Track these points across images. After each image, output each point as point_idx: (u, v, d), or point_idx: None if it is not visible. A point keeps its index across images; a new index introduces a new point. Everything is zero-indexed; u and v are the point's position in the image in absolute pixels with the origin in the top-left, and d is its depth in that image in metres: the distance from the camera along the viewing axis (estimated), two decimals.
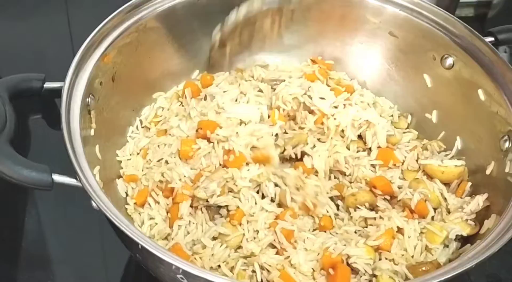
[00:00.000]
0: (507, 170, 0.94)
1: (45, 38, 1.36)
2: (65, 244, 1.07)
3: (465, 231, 0.94)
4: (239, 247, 0.93)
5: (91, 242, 1.06)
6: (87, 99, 0.95)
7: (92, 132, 0.97)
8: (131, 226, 0.81)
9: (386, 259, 0.91)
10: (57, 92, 0.92)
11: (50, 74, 0.93)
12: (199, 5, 1.11)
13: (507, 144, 0.96)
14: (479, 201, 0.95)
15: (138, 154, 1.05)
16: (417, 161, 1.05)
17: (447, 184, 1.02)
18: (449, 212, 0.98)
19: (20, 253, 1.04)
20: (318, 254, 0.91)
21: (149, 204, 0.98)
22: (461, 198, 1.00)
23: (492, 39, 1.06)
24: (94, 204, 0.83)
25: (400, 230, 0.93)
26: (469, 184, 1.00)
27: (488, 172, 0.98)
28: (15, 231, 1.07)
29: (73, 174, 0.83)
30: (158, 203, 0.97)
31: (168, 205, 0.97)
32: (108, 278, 1.06)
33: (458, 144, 1.07)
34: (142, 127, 1.10)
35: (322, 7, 1.14)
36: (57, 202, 1.10)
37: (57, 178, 0.84)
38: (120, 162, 1.04)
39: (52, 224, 1.09)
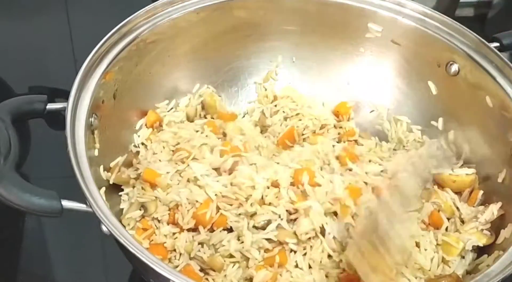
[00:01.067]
0: None
1: (45, 38, 1.35)
2: (65, 244, 1.06)
3: (481, 242, 0.93)
4: None
5: (91, 242, 1.04)
6: (90, 119, 0.93)
7: (96, 152, 0.94)
8: (145, 251, 0.79)
9: (402, 273, 0.90)
10: (61, 113, 0.90)
11: (50, 74, 0.93)
12: (198, 18, 1.08)
13: None
14: (493, 210, 0.94)
15: None
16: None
17: (458, 193, 1.01)
18: (462, 222, 0.97)
19: (20, 253, 1.03)
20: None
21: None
22: (473, 207, 0.98)
23: (497, 44, 1.05)
24: (104, 229, 0.81)
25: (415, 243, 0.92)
26: (481, 192, 0.99)
27: (500, 179, 0.98)
28: (15, 231, 1.05)
29: (80, 195, 0.81)
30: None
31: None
32: (108, 278, 1.05)
33: (465, 151, 1.06)
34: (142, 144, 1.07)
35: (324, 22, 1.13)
36: None
37: (66, 203, 0.81)
38: None
39: (52, 224, 1.07)
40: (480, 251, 0.94)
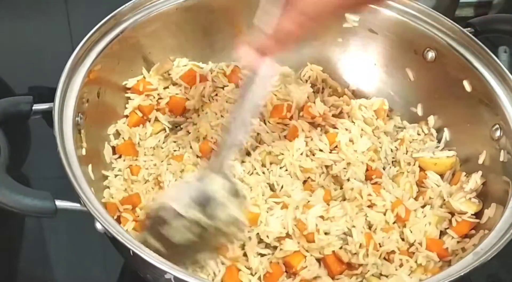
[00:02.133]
0: (501, 159, 0.96)
1: (45, 38, 1.34)
2: (65, 244, 1.06)
3: (471, 209, 0.95)
4: None
5: (91, 242, 1.03)
6: (77, 118, 0.93)
7: (84, 151, 0.95)
8: (143, 247, 0.79)
9: None
10: (47, 113, 0.90)
11: (50, 74, 0.92)
12: (179, 15, 1.09)
13: (498, 133, 0.98)
14: (476, 178, 0.98)
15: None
16: (406, 153, 1.07)
17: (441, 176, 1.03)
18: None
19: (20, 253, 1.03)
20: None
21: None
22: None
23: (472, 30, 1.08)
24: (99, 226, 0.81)
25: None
26: (464, 173, 1.02)
27: (480, 161, 1.00)
28: (15, 231, 1.05)
29: (74, 195, 0.82)
30: None
31: None
32: (108, 278, 1.05)
33: (446, 135, 1.09)
34: None
35: None
36: None
37: (60, 203, 0.81)
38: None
39: (52, 224, 1.06)
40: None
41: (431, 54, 1.09)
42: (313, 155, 1.01)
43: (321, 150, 1.01)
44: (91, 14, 1.00)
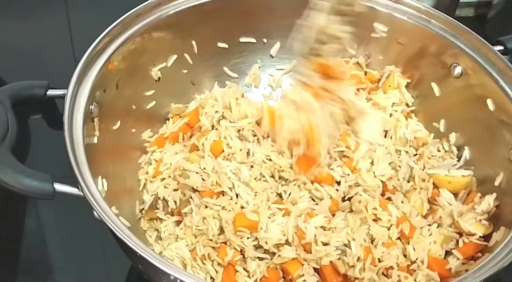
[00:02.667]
0: None
1: (45, 38, 1.35)
2: (65, 245, 1.06)
3: (480, 231, 0.92)
4: None
5: (91, 242, 1.05)
6: (91, 106, 0.94)
7: (95, 140, 0.95)
8: (133, 236, 0.80)
9: None
10: (60, 99, 0.91)
11: (50, 74, 0.93)
12: (205, 11, 1.09)
13: None
14: (489, 200, 0.95)
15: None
16: (423, 169, 1.04)
17: (455, 195, 1.00)
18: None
19: (20, 253, 1.04)
20: None
21: None
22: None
23: (501, 48, 1.04)
24: (95, 214, 0.82)
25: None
26: (479, 194, 0.98)
27: (497, 183, 0.97)
28: (15, 232, 1.06)
29: (75, 182, 0.82)
30: None
31: None
32: (108, 278, 1.05)
33: (466, 154, 1.05)
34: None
35: None
36: (58, 202, 1.08)
37: (59, 187, 0.82)
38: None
39: (52, 224, 1.09)
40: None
41: (457, 70, 1.06)
42: None
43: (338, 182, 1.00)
44: (91, 14, 1.01)
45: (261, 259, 0.93)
